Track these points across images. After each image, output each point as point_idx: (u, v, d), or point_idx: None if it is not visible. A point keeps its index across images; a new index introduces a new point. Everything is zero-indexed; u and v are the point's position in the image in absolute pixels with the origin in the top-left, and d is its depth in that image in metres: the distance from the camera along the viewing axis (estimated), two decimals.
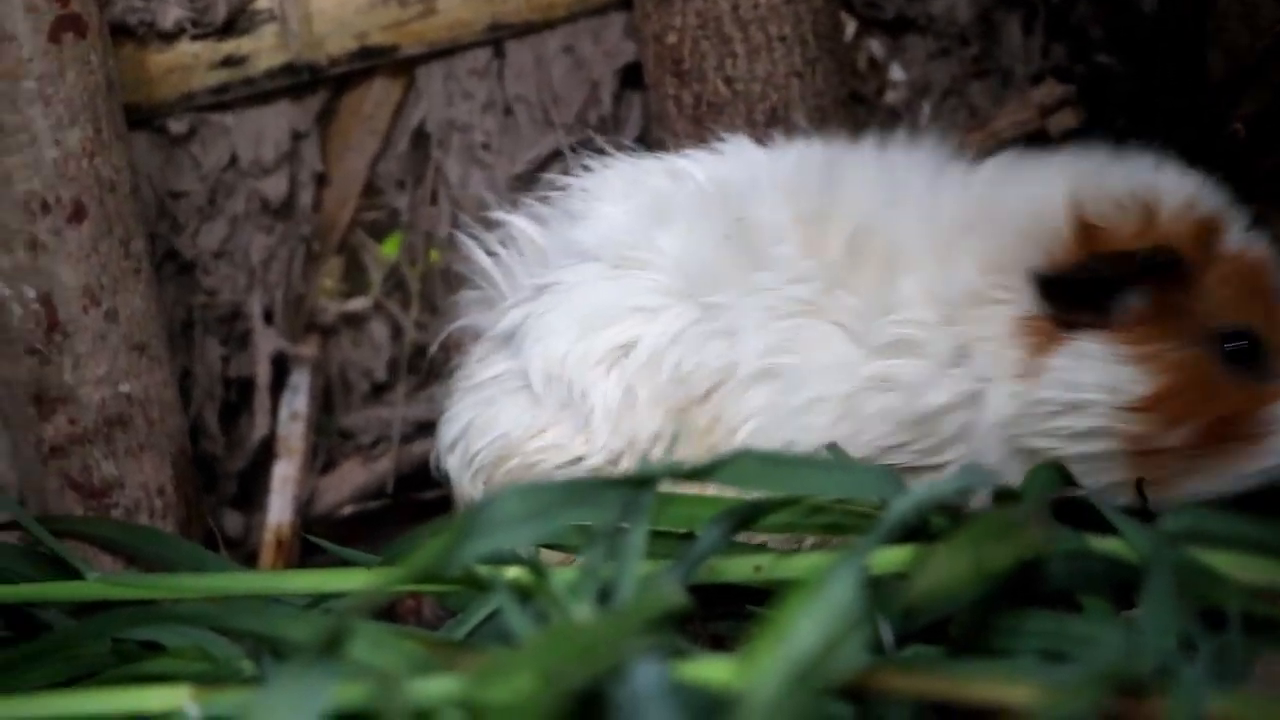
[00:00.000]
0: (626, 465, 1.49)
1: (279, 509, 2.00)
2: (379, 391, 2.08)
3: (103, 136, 1.73)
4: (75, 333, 1.73)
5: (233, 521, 2.03)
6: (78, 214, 1.71)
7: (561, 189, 1.62)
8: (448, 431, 1.61)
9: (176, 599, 1.39)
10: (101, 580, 1.46)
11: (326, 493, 2.05)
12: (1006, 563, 1.08)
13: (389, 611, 1.75)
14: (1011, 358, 1.47)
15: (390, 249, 2.05)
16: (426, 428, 2.02)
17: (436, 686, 0.93)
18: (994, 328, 1.47)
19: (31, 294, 1.72)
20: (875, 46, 2.08)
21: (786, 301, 1.49)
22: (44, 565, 1.60)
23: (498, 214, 1.63)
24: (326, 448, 2.07)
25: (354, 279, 2.07)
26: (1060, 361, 1.46)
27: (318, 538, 1.94)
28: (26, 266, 1.71)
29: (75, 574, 1.51)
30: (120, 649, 1.39)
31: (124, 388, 1.77)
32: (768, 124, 1.86)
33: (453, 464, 1.60)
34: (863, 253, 1.49)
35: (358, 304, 2.06)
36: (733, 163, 1.59)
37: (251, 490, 2.05)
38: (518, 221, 1.61)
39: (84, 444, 1.77)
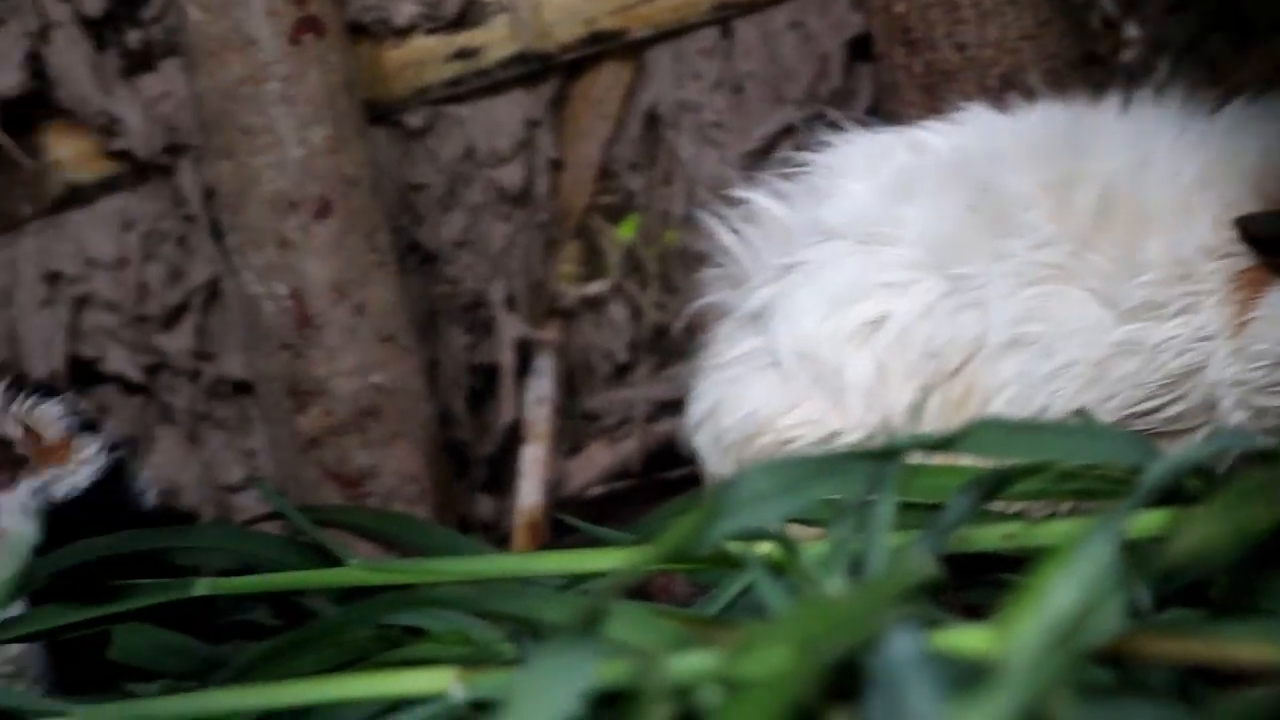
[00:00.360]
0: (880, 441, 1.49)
1: (529, 492, 2.03)
2: (621, 373, 2.10)
3: (344, 134, 1.77)
4: (326, 326, 1.78)
5: (484, 506, 2.06)
6: (323, 211, 1.75)
7: (803, 166, 1.62)
8: (696, 410, 1.62)
9: (435, 583, 1.42)
10: (363, 566, 1.49)
11: (574, 475, 2.07)
12: (1267, 523, 1.06)
13: (641, 590, 1.77)
14: (1229, 312, 1.44)
15: (627, 231, 2.07)
16: (670, 407, 2.04)
17: (694, 662, 0.94)
18: (1218, 282, 1.45)
19: (283, 290, 1.77)
20: (1108, 4, 2.05)
21: (1034, 268, 1.48)
22: (306, 554, 1.64)
23: (740, 192, 1.64)
24: (572, 430, 2.09)
25: (592, 263, 2.09)
26: (1264, 311, 1.43)
27: (568, 520, 1.98)
28: (276, 264, 1.76)
29: (337, 561, 1.55)
30: (384, 634, 1.42)
31: (375, 378, 1.81)
32: (1001, 90, 1.84)
33: (702, 442, 1.61)
34: (1110, 215, 1.47)
35: (597, 287, 2.08)
36: (973, 131, 1.58)
37: (501, 475, 2.08)
38: (761, 200, 1.61)
39: (339, 435, 1.82)
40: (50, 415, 1.63)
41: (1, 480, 1.58)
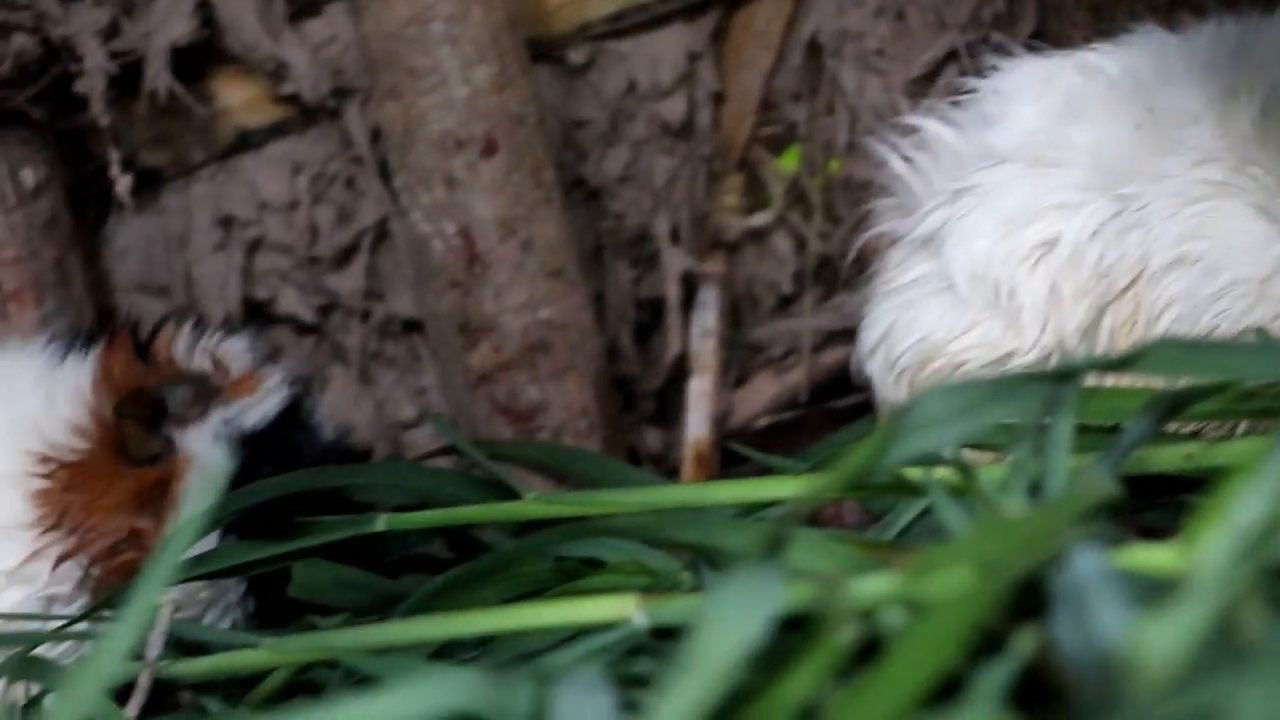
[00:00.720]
0: (1055, 362, 1.48)
1: (696, 424, 2.04)
2: (786, 304, 2.10)
3: (508, 72, 1.78)
4: (494, 263, 1.80)
5: (652, 439, 2.08)
6: (490, 149, 1.77)
7: (970, 92, 1.61)
8: (868, 337, 1.62)
9: (611, 515, 1.44)
10: (538, 499, 1.51)
11: (741, 406, 2.08)
12: None
13: (811, 520, 1.77)
14: None
15: (789, 162, 2.07)
16: (836, 337, 2.04)
17: (876, 585, 0.94)
18: None
19: (451, 229, 1.79)
20: None
21: (1195, 185, 1.46)
22: (480, 489, 1.67)
23: (910, 120, 1.63)
24: (738, 362, 2.10)
25: (755, 194, 2.09)
26: None
27: (737, 450, 1.98)
28: (444, 203, 1.78)
29: (511, 496, 1.57)
30: (561, 567, 1.43)
31: (543, 314, 1.82)
32: (1169, 9, 1.81)
33: (875, 369, 1.61)
34: (1271, 127, 1.45)
35: (760, 219, 2.08)
36: (1143, 51, 1.56)
37: (668, 408, 2.09)
38: (931, 126, 1.61)
39: (509, 370, 1.83)
40: (236, 349, 1.67)
41: (195, 412, 1.62)
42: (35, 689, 1.51)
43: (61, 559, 1.58)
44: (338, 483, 1.66)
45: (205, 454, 1.60)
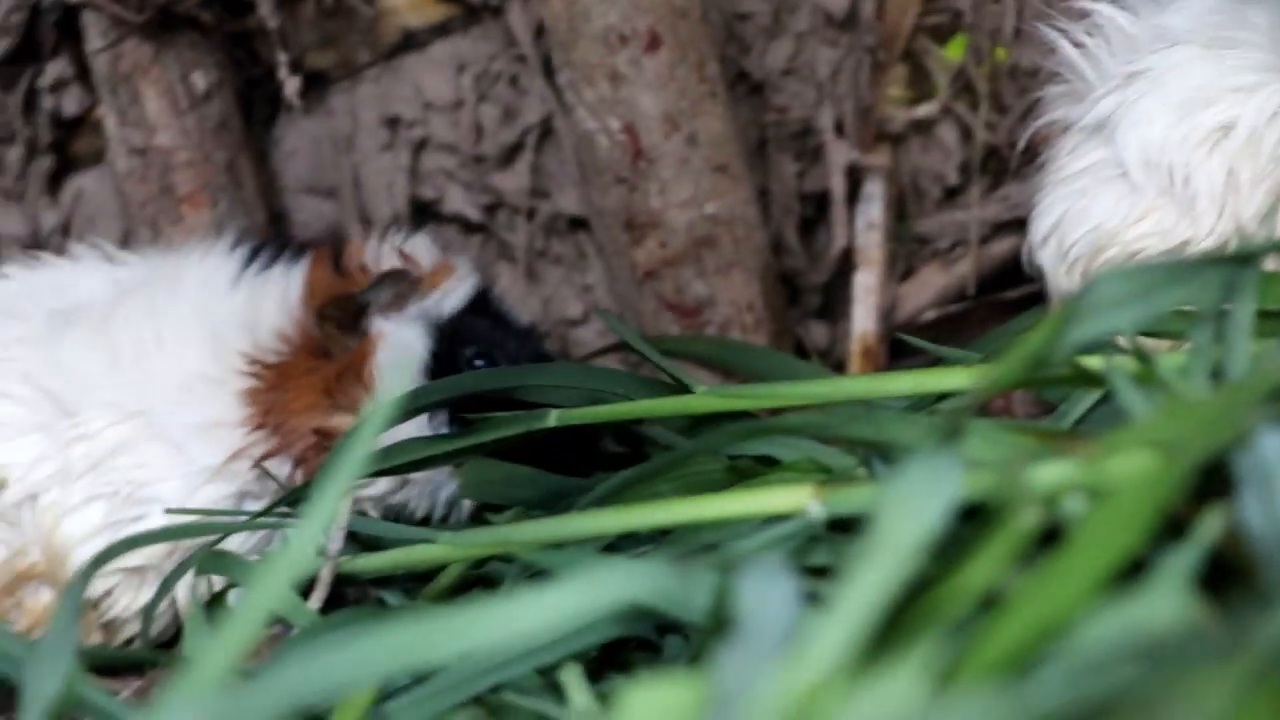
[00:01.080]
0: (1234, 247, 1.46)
1: (862, 318, 2.03)
2: (952, 195, 2.08)
3: None
4: (659, 159, 1.80)
5: (818, 333, 2.07)
6: (653, 43, 1.76)
7: None
8: (1040, 226, 1.60)
9: (783, 410, 1.44)
10: (710, 393, 1.51)
11: (907, 299, 2.07)
12: None
13: (980, 412, 1.76)
14: None
15: (955, 51, 2.04)
16: (1003, 227, 2.02)
17: (1055, 471, 0.94)
18: None
19: (615, 125, 1.79)
20: None
21: None
22: (649, 386, 1.67)
23: (1080, 3, 1.61)
24: (904, 254, 2.08)
25: (920, 84, 2.06)
26: None
27: (905, 343, 1.97)
28: (609, 98, 1.78)
29: (680, 392, 1.57)
30: (734, 466, 1.44)
31: (709, 209, 1.82)
32: None
33: (1046, 259, 1.59)
34: None
35: (925, 109, 2.05)
36: None
37: (834, 302, 2.09)
38: (1103, 9, 1.58)
39: (675, 266, 1.84)
40: (423, 245, 1.70)
41: (393, 305, 1.65)
42: (221, 582, 1.55)
43: (264, 457, 1.62)
44: (507, 383, 1.68)
45: (398, 336, 1.64)
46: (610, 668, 1.25)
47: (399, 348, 1.63)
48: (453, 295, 1.68)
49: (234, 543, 1.57)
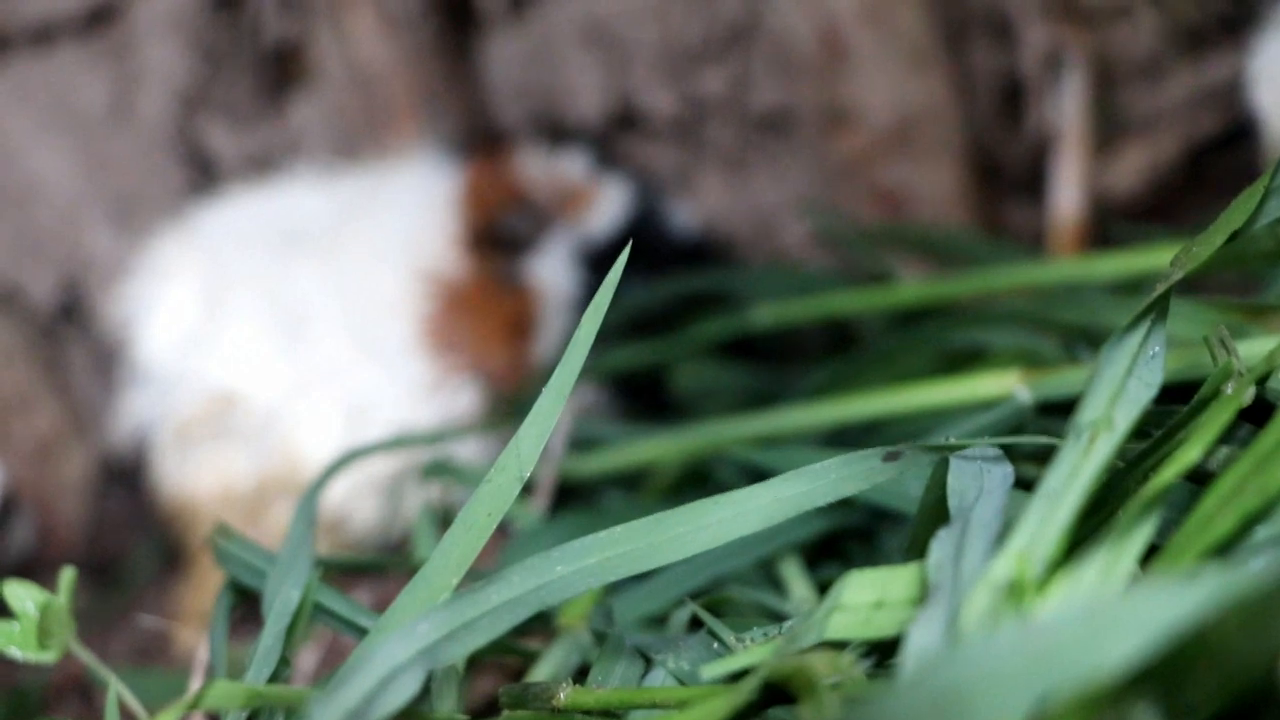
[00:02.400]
0: None
1: (1066, 198, 2.02)
2: (1152, 72, 2.05)
3: None
4: (857, 51, 1.80)
5: (1022, 216, 2.06)
6: None
7: None
8: (1257, 67, 1.57)
9: (987, 299, 1.44)
10: (916, 283, 1.52)
11: (1112, 177, 2.05)
12: None
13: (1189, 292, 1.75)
14: None
15: None
16: (1206, 100, 1.99)
17: (1263, 346, 0.94)
18: None
19: (814, 19, 1.79)
20: None
21: None
22: (854, 281, 1.68)
23: None
24: (1107, 132, 2.06)
25: None
26: None
27: (1109, 223, 1.96)
28: None
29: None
30: (940, 357, 1.44)
31: (908, 98, 1.82)
32: None
33: (1264, 101, 1.56)
34: None
35: None
36: None
37: (1037, 183, 2.07)
38: None
39: (877, 156, 1.84)
40: (569, 164, 1.70)
41: (539, 235, 1.66)
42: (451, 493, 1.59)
43: (459, 379, 1.65)
44: (714, 287, 1.70)
45: (555, 276, 1.65)
46: (828, 556, 1.27)
47: (550, 282, 1.65)
48: (604, 218, 1.68)
49: (463, 454, 1.62)
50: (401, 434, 1.58)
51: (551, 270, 1.66)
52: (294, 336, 1.66)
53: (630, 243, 1.68)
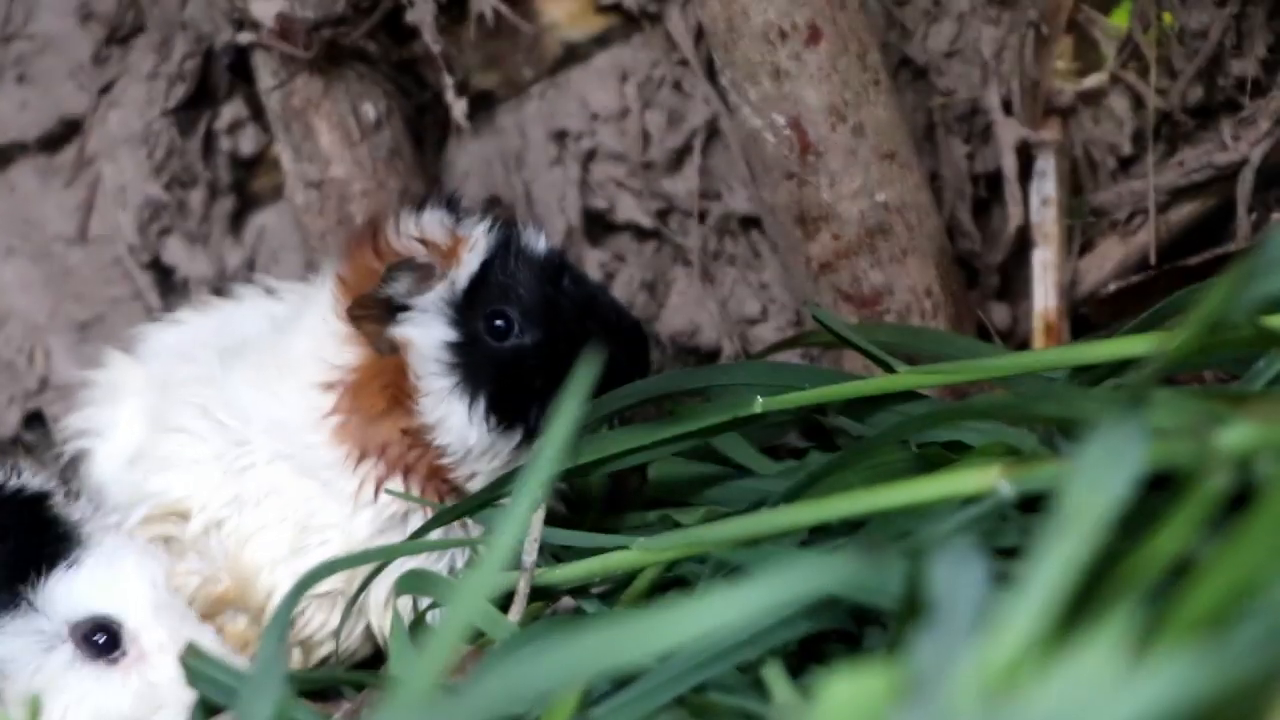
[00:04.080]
0: None
1: (1043, 295, 2.01)
2: (1127, 165, 2.05)
3: None
4: (827, 151, 1.80)
5: (999, 314, 2.05)
6: (814, 36, 1.76)
7: None
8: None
9: (969, 395, 1.43)
10: (913, 371, 1.51)
11: (1088, 273, 2.04)
12: None
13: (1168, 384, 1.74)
14: None
15: (1120, 19, 2.01)
16: (1181, 193, 1.99)
17: (1244, 434, 0.93)
18: None
19: (781, 121, 1.79)
20: None
21: None
22: (834, 379, 1.66)
23: None
24: (1081, 228, 2.06)
25: (1086, 56, 2.03)
26: None
27: (1085, 319, 1.95)
28: (773, 95, 1.78)
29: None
30: (923, 454, 1.43)
31: (880, 197, 1.82)
32: None
33: None
34: None
35: (1094, 80, 2.02)
36: None
37: (1013, 281, 2.07)
38: None
39: (850, 256, 1.83)
40: (433, 222, 1.69)
41: (416, 290, 1.65)
42: (423, 602, 1.57)
43: (380, 482, 1.65)
44: (695, 384, 1.68)
45: (423, 330, 1.64)
46: (812, 661, 1.25)
47: (423, 343, 1.64)
48: (465, 268, 1.67)
49: (421, 561, 1.61)
50: (357, 551, 1.57)
51: (418, 325, 1.65)
52: (236, 446, 1.67)
53: (489, 286, 1.68)
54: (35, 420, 2.16)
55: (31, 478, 1.54)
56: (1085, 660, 0.69)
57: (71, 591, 1.46)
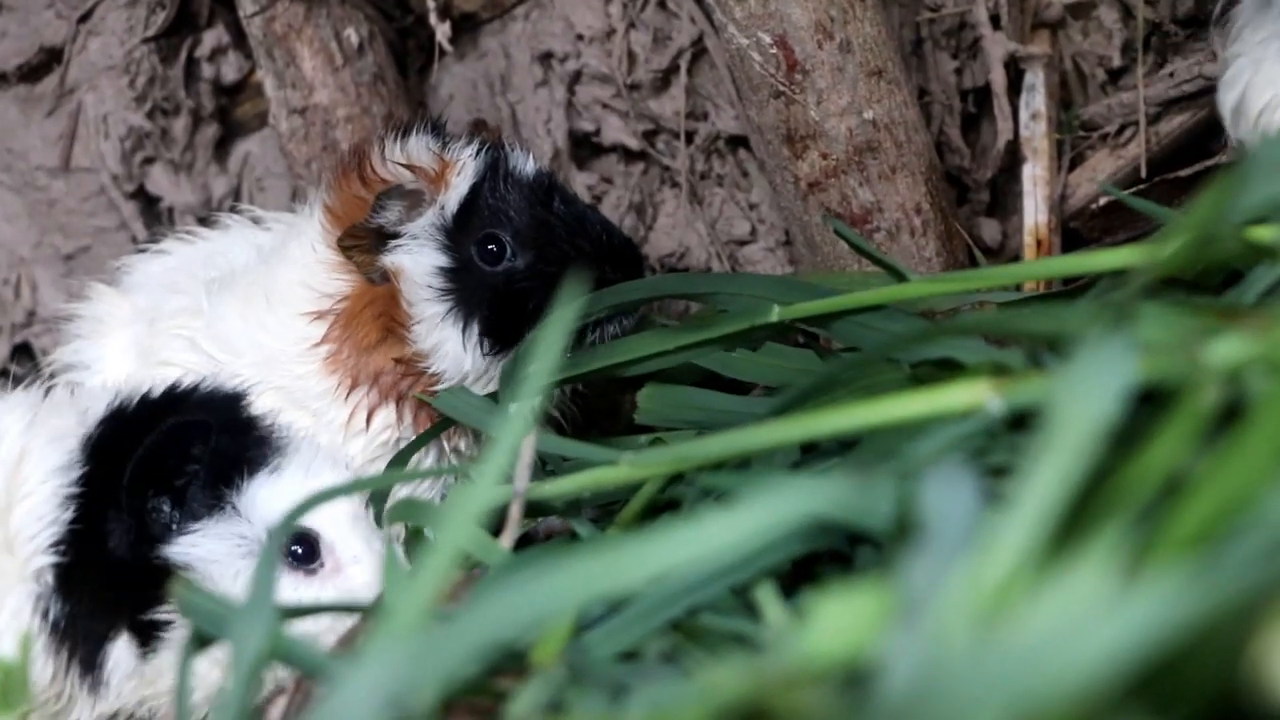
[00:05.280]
0: None
1: (1033, 211, 2.00)
2: (1116, 77, 2.04)
3: None
4: (814, 69, 1.78)
5: (989, 230, 2.05)
6: None
7: None
8: (1226, 97, 1.57)
9: (957, 312, 1.42)
10: (924, 280, 1.50)
11: (1079, 187, 2.03)
12: None
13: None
14: None
15: None
16: (1172, 105, 1.97)
17: (1235, 348, 0.92)
18: None
19: (767, 39, 1.77)
20: None
21: None
22: (817, 292, 1.65)
23: None
24: (1071, 142, 2.05)
25: None
26: None
27: (1075, 234, 1.95)
28: (758, 13, 1.77)
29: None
30: (916, 373, 1.42)
31: (868, 115, 1.81)
32: None
33: (1240, 131, 1.56)
34: None
35: None
36: None
37: (1002, 197, 2.06)
38: None
39: (838, 175, 1.82)
40: (419, 147, 1.69)
41: (406, 218, 1.65)
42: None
43: (371, 411, 1.65)
44: (685, 290, 1.68)
45: (414, 256, 1.64)
46: (804, 581, 1.25)
47: (415, 270, 1.64)
48: (455, 192, 1.67)
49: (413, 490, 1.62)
50: (361, 477, 1.57)
51: (410, 252, 1.65)
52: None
53: (480, 209, 1.68)
54: (23, 352, 2.15)
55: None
56: (1075, 581, 0.69)
57: (273, 500, 1.45)
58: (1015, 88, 2.01)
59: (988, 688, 0.60)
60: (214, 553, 1.43)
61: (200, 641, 1.26)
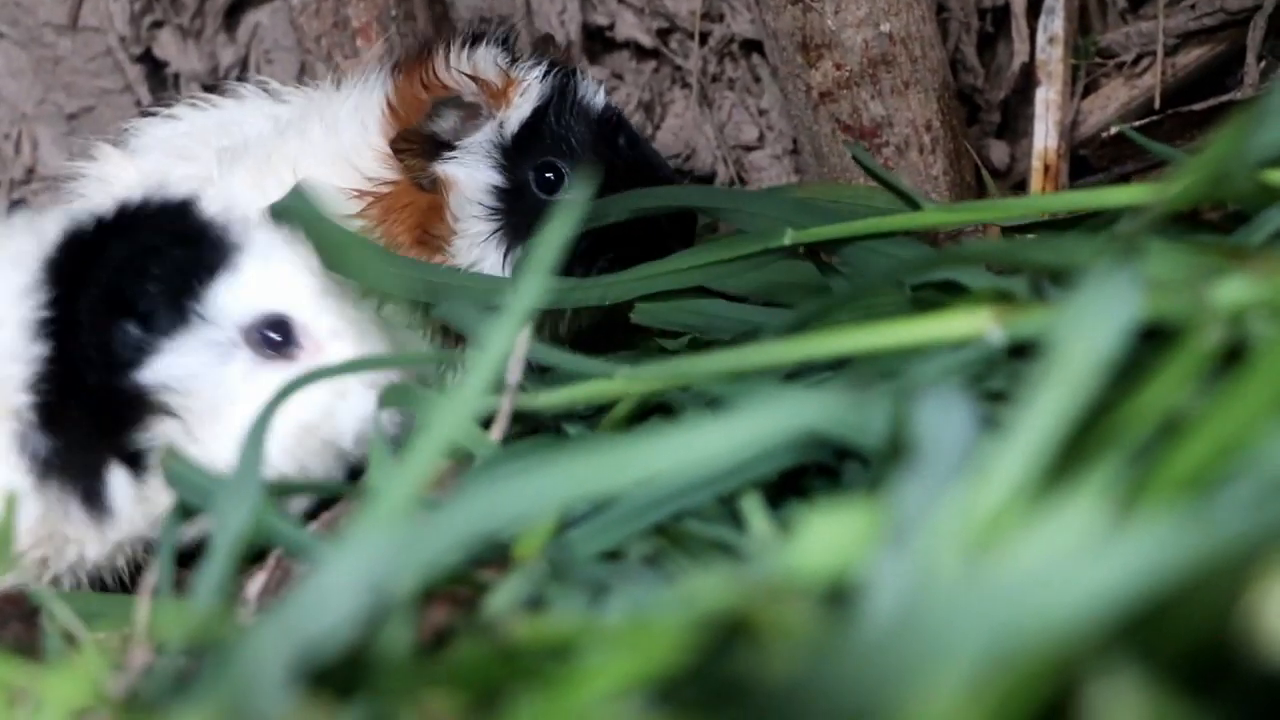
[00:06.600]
0: None
1: (1044, 135, 1.99)
2: (1136, 6, 2.03)
3: None
4: None
5: (998, 152, 2.04)
6: None
7: None
8: None
9: (963, 239, 1.42)
10: (938, 208, 1.50)
11: (1091, 114, 2.02)
12: None
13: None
14: None
15: None
16: (1191, 37, 1.96)
17: (1240, 289, 0.91)
18: None
19: None
20: None
21: None
22: (826, 215, 1.64)
23: None
24: (1086, 69, 2.03)
25: None
26: None
27: (1084, 161, 1.93)
28: None
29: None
30: (917, 298, 1.42)
31: (884, 27, 1.79)
32: None
33: None
34: None
35: None
36: None
37: (1014, 119, 2.05)
38: None
39: (851, 87, 1.81)
40: (486, 59, 1.66)
41: (462, 129, 1.63)
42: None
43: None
44: (699, 204, 1.67)
45: (468, 170, 1.62)
46: (790, 494, 1.25)
47: (467, 185, 1.62)
48: (517, 111, 1.65)
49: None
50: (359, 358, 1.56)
51: (464, 165, 1.63)
52: None
53: (542, 135, 1.66)
54: (20, 209, 2.14)
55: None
56: (1068, 516, 0.69)
57: (237, 296, 1.42)
58: (1035, 9, 2.00)
59: (974, 620, 0.60)
60: (189, 367, 1.41)
61: (185, 512, 1.26)
